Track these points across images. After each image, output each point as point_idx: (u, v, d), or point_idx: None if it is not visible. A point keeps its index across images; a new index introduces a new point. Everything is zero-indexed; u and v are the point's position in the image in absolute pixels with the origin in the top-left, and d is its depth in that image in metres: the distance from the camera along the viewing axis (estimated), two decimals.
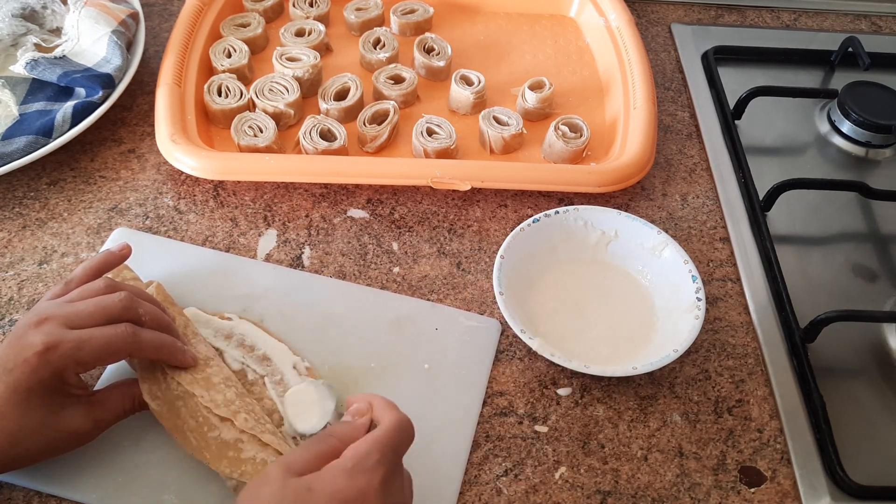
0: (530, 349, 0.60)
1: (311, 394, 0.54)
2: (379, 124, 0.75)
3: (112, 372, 0.58)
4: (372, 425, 0.47)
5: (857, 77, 0.85)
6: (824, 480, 0.57)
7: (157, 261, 0.65)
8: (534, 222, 0.66)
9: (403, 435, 0.46)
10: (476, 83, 0.79)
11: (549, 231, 0.66)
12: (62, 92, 0.75)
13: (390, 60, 0.82)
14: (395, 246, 0.69)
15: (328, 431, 0.47)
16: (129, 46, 0.79)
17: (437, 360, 0.61)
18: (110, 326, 0.50)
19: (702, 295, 0.62)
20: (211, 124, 0.77)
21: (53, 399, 0.49)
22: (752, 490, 0.57)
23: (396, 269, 0.68)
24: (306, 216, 0.71)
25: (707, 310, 0.62)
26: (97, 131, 0.76)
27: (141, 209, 0.70)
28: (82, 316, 0.50)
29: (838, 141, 0.82)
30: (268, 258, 0.68)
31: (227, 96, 0.76)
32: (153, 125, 0.74)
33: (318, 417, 0.53)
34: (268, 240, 0.69)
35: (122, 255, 0.58)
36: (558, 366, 0.60)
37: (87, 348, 0.48)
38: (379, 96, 0.79)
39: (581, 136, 0.75)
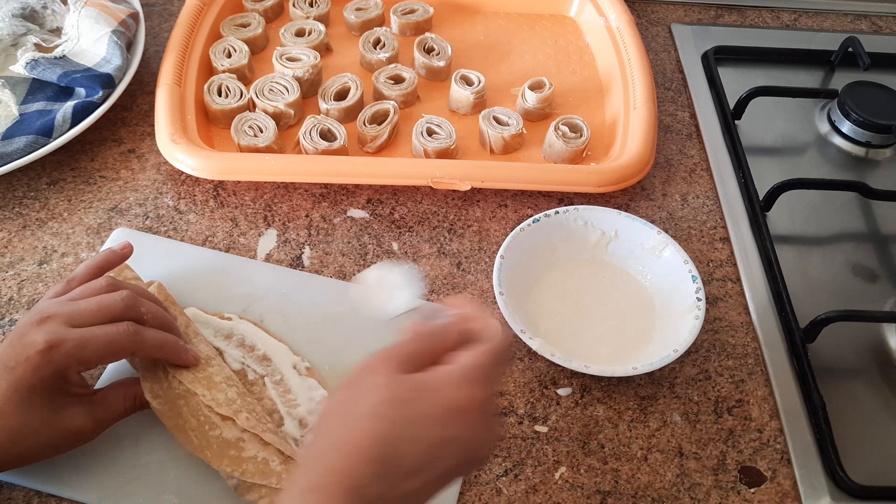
0: (530, 349, 0.60)
1: (397, 275, 0.51)
2: (379, 124, 0.75)
3: (112, 371, 0.58)
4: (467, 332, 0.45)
5: (857, 77, 0.85)
6: (824, 480, 0.57)
7: (157, 261, 0.65)
8: (534, 222, 0.66)
9: (507, 354, 0.45)
10: (476, 83, 0.79)
11: (549, 231, 0.66)
12: (62, 92, 0.75)
13: (390, 60, 0.82)
14: (395, 246, 0.69)
15: (437, 331, 0.45)
16: (129, 46, 0.79)
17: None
18: (112, 325, 0.50)
19: (702, 295, 0.62)
20: (211, 124, 0.77)
21: (55, 398, 0.49)
22: (752, 490, 0.57)
23: None
24: (306, 216, 0.71)
25: (707, 310, 0.62)
26: (97, 131, 0.76)
27: (141, 209, 0.70)
28: (84, 315, 0.50)
29: (838, 141, 0.82)
30: (268, 258, 0.68)
31: (227, 96, 0.76)
32: (153, 125, 0.74)
33: (406, 299, 0.50)
34: (268, 240, 0.69)
35: (124, 253, 0.58)
36: (558, 366, 0.60)
37: (89, 347, 0.48)
38: (379, 96, 0.79)
39: (581, 136, 0.75)
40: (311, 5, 0.87)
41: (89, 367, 0.50)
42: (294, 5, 0.87)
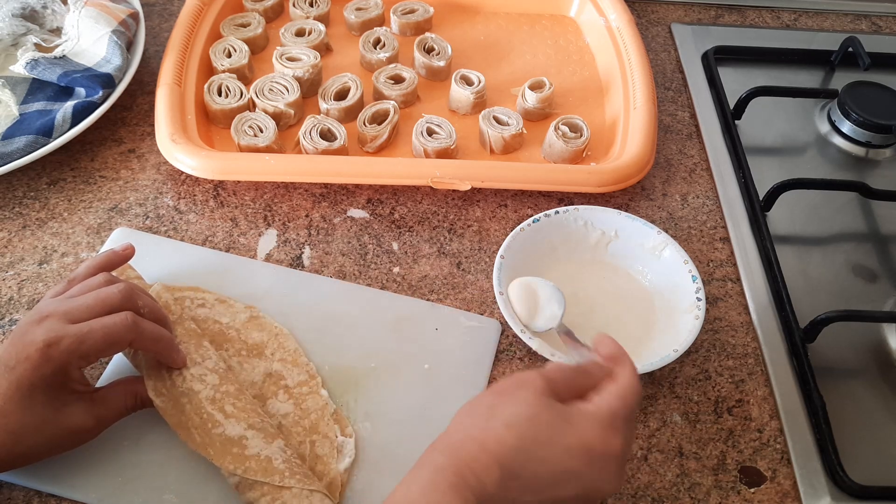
0: (530, 349, 0.60)
1: (545, 290, 0.60)
2: (379, 124, 0.75)
3: (113, 370, 0.58)
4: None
5: (857, 77, 0.85)
6: (824, 480, 0.57)
7: (157, 261, 0.65)
8: (534, 222, 0.66)
9: (639, 400, 0.47)
10: (476, 83, 0.79)
11: (549, 231, 0.66)
12: (62, 92, 0.75)
13: (390, 60, 0.82)
14: (395, 246, 0.69)
15: (585, 368, 0.48)
16: (129, 46, 0.79)
17: (437, 361, 0.61)
18: (110, 316, 0.50)
19: (702, 295, 0.62)
20: (211, 124, 0.77)
21: (56, 396, 0.49)
22: (752, 490, 0.57)
23: (396, 269, 0.68)
24: (306, 216, 0.71)
25: (707, 310, 0.62)
26: (97, 131, 0.76)
27: (141, 209, 0.70)
28: (82, 309, 0.50)
29: (838, 141, 0.82)
30: (268, 258, 0.68)
31: (227, 96, 0.76)
32: (153, 125, 0.74)
33: (548, 317, 0.59)
34: (268, 240, 0.69)
35: (126, 254, 0.58)
36: None
37: (88, 341, 0.48)
38: (379, 96, 0.79)
39: (581, 136, 0.75)
40: (311, 5, 0.87)
41: (90, 362, 0.51)
42: (294, 5, 0.87)
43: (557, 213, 0.67)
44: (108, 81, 0.74)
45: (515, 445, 0.42)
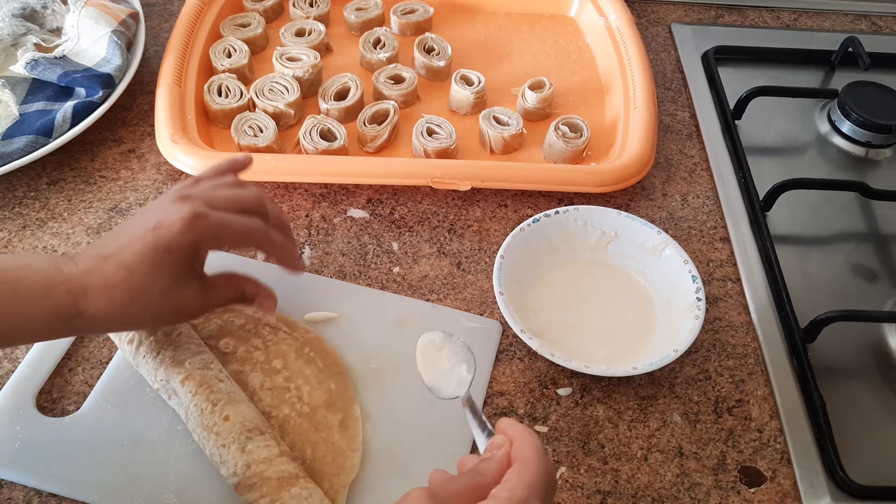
0: (530, 349, 0.60)
1: (451, 356, 0.53)
2: (379, 124, 0.75)
3: (114, 370, 0.58)
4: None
5: (857, 77, 0.85)
6: (824, 480, 0.57)
7: None
8: (534, 222, 0.66)
9: (552, 482, 0.43)
10: (476, 83, 0.79)
11: (549, 231, 0.66)
12: (62, 92, 0.75)
13: (390, 60, 0.82)
14: (395, 246, 0.69)
15: (474, 469, 0.43)
16: (129, 46, 0.79)
17: None
18: (248, 217, 0.53)
19: (702, 295, 0.62)
20: (211, 124, 0.77)
21: (182, 269, 0.51)
22: (752, 490, 0.57)
23: (396, 269, 0.68)
24: (306, 216, 0.71)
25: (707, 310, 0.62)
26: (97, 131, 0.76)
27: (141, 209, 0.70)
28: (221, 201, 0.52)
29: (838, 141, 0.82)
30: (268, 258, 0.68)
31: (227, 96, 0.76)
32: (153, 125, 0.74)
33: (454, 385, 0.52)
34: None
35: (247, 162, 0.60)
36: (558, 366, 0.60)
37: (228, 228, 0.51)
38: (379, 96, 0.79)
39: (581, 136, 0.75)
40: (311, 5, 0.87)
41: (220, 248, 0.54)
42: (294, 5, 0.87)
43: (557, 213, 0.67)
44: (108, 81, 0.74)
45: None
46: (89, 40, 0.77)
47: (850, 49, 0.88)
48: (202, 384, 0.54)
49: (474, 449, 0.57)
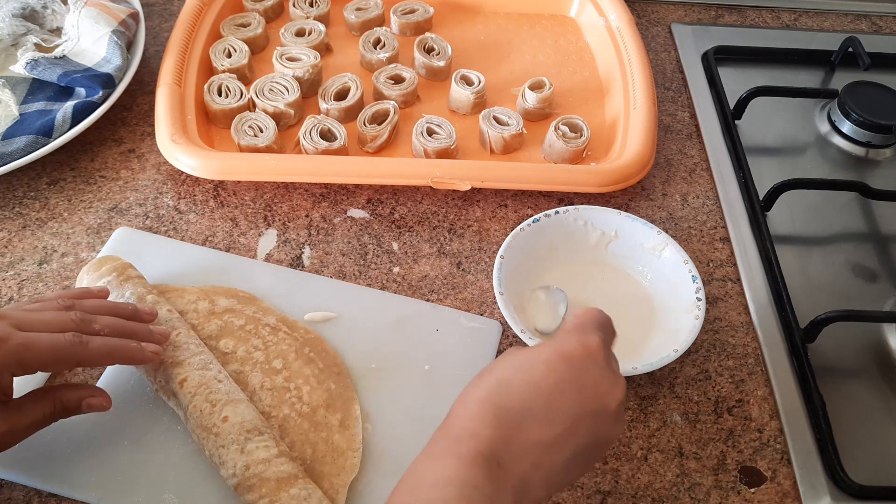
0: None
1: (546, 297, 0.63)
2: (379, 124, 0.75)
3: (113, 370, 0.58)
4: None
5: (857, 77, 0.85)
6: (824, 480, 0.57)
7: (157, 261, 0.65)
8: (534, 222, 0.66)
9: (609, 320, 0.49)
10: (476, 83, 0.79)
11: (549, 231, 0.66)
12: (62, 92, 0.75)
13: (390, 60, 0.82)
14: (395, 246, 0.69)
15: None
16: (129, 46, 0.79)
17: (437, 362, 0.61)
18: (58, 334, 0.49)
19: (702, 295, 0.62)
20: (211, 124, 0.77)
21: None
22: (752, 490, 0.57)
23: (396, 269, 0.68)
24: (306, 216, 0.71)
25: (707, 310, 0.62)
26: (97, 131, 0.76)
27: (141, 209, 0.70)
28: (35, 323, 0.49)
29: (838, 141, 0.82)
30: (268, 258, 0.68)
31: (227, 96, 0.76)
32: (153, 125, 0.74)
33: (553, 317, 0.61)
34: (268, 240, 0.69)
35: (100, 295, 0.58)
36: None
37: (32, 350, 0.48)
38: (379, 96, 0.79)
39: (581, 136, 0.75)
40: (311, 5, 0.87)
41: (28, 372, 0.49)
42: (294, 5, 0.87)
43: (557, 213, 0.67)
44: (108, 81, 0.74)
45: (496, 381, 0.42)
46: (89, 40, 0.77)
47: (850, 49, 0.88)
48: (201, 385, 0.54)
49: None
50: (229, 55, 0.80)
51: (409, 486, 0.40)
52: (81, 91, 0.74)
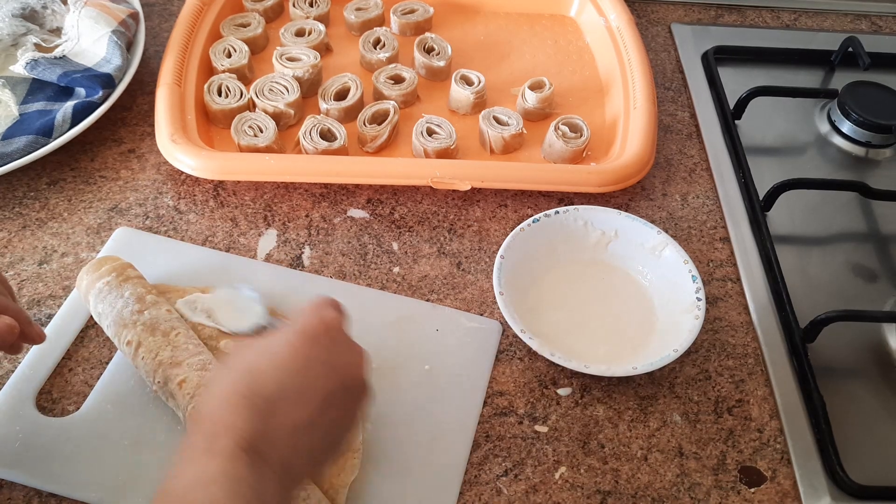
0: (530, 349, 0.60)
1: (230, 296, 0.60)
2: (379, 124, 0.75)
3: (113, 370, 0.58)
4: None
5: (857, 77, 0.85)
6: (824, 480, 0.57)
7: (157, 261, 0.65)
8: (534, 222, 0.66)
9: (340, 304, 0.48)
10: (476, 83, 0.79)
11: (549, 231, 0.66)
12: (62, 92, 0.75)
13: (390, 60, 0.82)
14: (395, 246, 0.69)
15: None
16: (129, 46, 0.79)
17: (437, 362, 0.61)
18: None
19: (702, 295, 0.62)
20: (211, 124, 0.77)
21: None
22: (752, 490, 0.57)
23: (396, 269, 0.68)
24: (306, 216, 0.71)
25: (707, 310, 0.62)
26: (97, 131, 0.76)
27: (141, 209, 0.70)
28: None
29: (838, 141, 0.82)
30: (268, 258, 0.68)
31: (227, 96, 0.76)
32: (153, 125, 0.74)
33: (241, 318, 0.58)
34: (268, 240, 0.69)
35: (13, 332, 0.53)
36: (558, 366, 0.60)
37: None
38: (379, 96, 0.79)
39: (581, 136, 0.75)
40: (311, 5, 0.87)
41: None
42: (294, 5, 0.87)
43: (557, 213, 0.67)
44: (108, 81, 0.74)
45: (244, 372, 0.41)
46: (89, 40, 0.77)
47: (850, 49, 0.88)
48: (200, 386, 0.54)
49: (475, 449, 0.57)
50: (229, 55, 0.80)
51: (171, 493, 0.39)
52: (81, 91, 0.74)
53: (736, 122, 0.82)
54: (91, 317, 0.61)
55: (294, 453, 0.41)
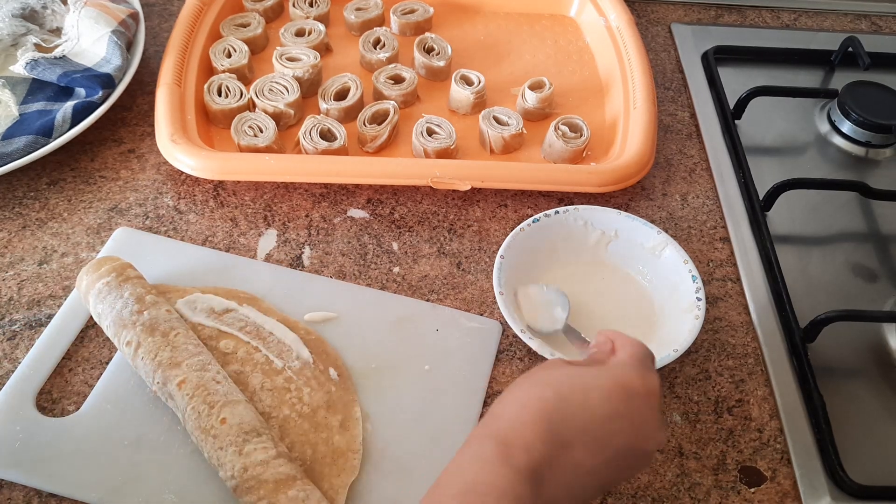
0: (530, 349, 0.60)
1: (538, 295, 0.62)
2: (379, 124, 0.75)
3: (113, 370, 0.58)
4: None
5: (857, 77, 0.85)
6: (824, 480, 0.57)
7: (157, 261, 0.65)
8: (534, 222, 0.66)
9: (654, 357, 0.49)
10: (476, 83, 0.79)
11: (549, 231, 0.66)
12: (62, 92, 0.75)
13: (390, 60, 0.82)
14: (395, 246, 0.69)
15: (592, 356, 0.49)
16: (129, 46, 0.79)
17: (437, 362, 0.61)
18: None
19: (702, 295, 0.62)
20: (211, 124, 0.77)
21: None
22: (752, 490, 0.57)
23: (396, 269, 0.68)
24: (306, 216, 0.71)
25: (707, 310, 0.62)
26: (97, 131, 0.76)
27: (141, 209, 0.70)
28: None
29: (838, 141, 0.82)
30: (268, 258, 0.68)
31: (227, 96, 0.76)
32: (153, 125, 0.74)
33: (548, 317, 0.61)
34: (268, 240, 0.69)
35: None
36: None
37: None
38: (379, 96, 0.79)
39: (581, 135, 0.75)
40: (311, 5, 0.87)
41: None
42: (294, 5, 0.87)
43: (557, 213, 0.67)
44: (107, 81, 0.74)
45: (555, 396, 0.42)
46: (89, 40, 0.77)
47: (850, 49, 0.88)
48: (199, 386, 0.54)
49: None
50: (229, 55, 0.80)
51: (455, 487, 0.40)
52: (81, 91, 0.74)
53: (736, 121, 0.82)
54: (91, 317, 0.61)
55: (565, 493, 0.41)
